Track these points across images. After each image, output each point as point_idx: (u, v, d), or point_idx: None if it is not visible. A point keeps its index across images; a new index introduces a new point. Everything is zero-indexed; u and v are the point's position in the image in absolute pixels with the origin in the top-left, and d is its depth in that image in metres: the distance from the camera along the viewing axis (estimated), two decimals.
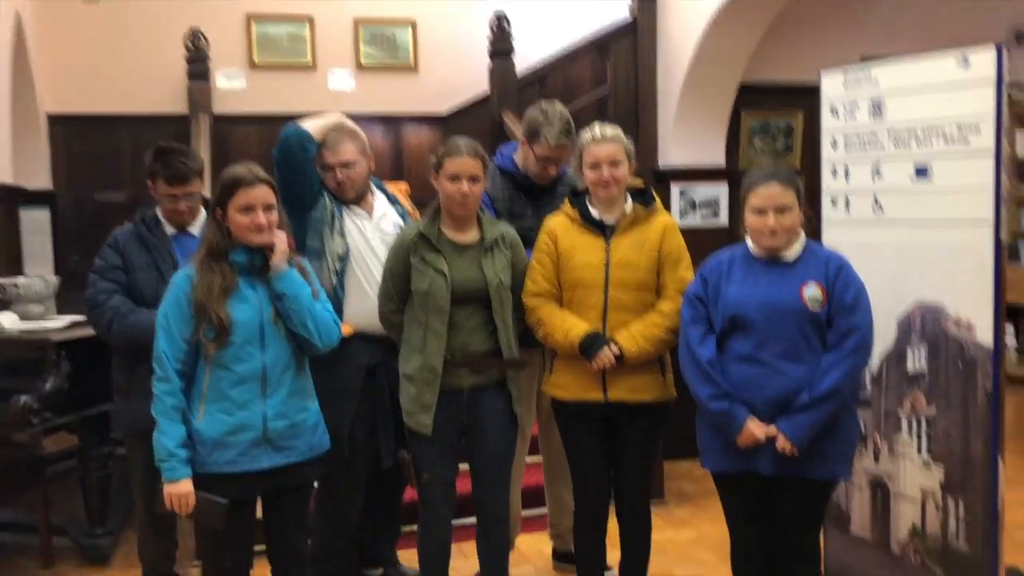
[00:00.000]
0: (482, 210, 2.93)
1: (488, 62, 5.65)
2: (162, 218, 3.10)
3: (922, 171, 2.85)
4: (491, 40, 5.57)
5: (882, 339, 2.96)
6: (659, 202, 2.94)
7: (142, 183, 3.16)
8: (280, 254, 2.50)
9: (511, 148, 3.44)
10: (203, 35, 5.54)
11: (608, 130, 2.82)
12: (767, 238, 2.50)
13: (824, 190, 3.13)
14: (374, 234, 3.18)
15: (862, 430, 3.03)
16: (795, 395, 2.41)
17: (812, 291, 2.44)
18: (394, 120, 6.20)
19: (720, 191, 5.13)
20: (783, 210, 2.47)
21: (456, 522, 3.08)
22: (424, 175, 2.91)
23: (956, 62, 2.76)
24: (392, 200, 3.38)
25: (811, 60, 4.22)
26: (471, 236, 2.87)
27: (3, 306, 3.90)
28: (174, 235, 3.09)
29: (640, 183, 2.93)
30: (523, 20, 5.89)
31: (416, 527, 3.02)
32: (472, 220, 2.88)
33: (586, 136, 2.84)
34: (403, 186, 3.64)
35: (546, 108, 3.23)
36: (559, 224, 2.91)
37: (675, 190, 5.13)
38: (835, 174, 3.09)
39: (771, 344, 2.44)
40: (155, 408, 2.43)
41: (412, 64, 6.33)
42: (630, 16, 5.16)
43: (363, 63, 6.24)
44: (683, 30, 4.86)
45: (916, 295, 2.89)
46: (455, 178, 2.78)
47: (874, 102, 2.96)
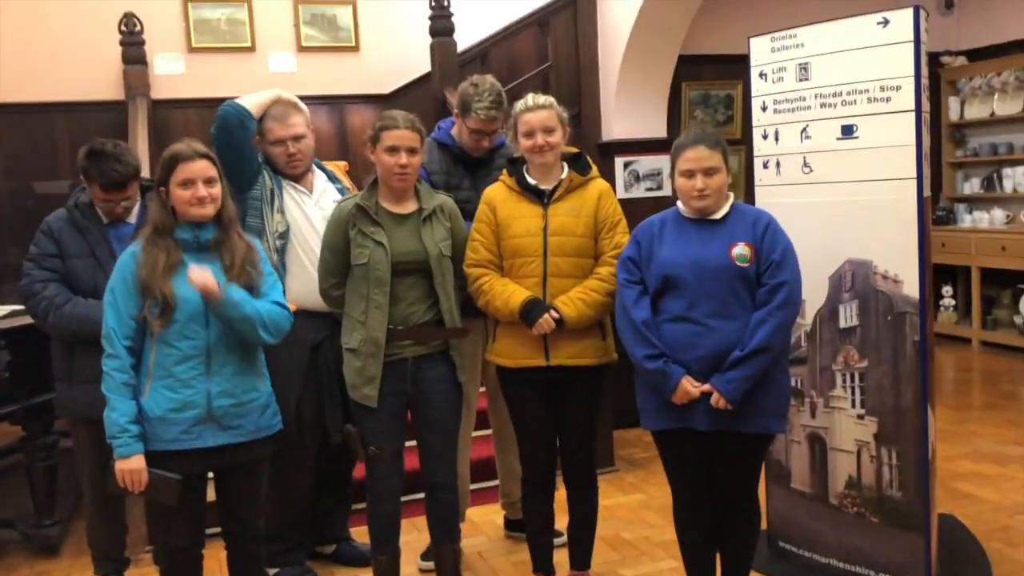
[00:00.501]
0: (419, 182, 2.94)
1: (429, 40, 5.63)
2: (96, 207, 3.05)
3: (848, 130, 2.92)
4: (431, 17, 5.54)
5: (815, 297, 3.03)
6: (595, 169, 2.97)
7: (76, 170, 3.11)
8: (206, 288, 2.41)
9: (448, 123, 3.45)
10: (137, 19, 5.45)
11: (540, 98, 2.86)
12: (696, 200, 2.55)
13: (755, 153, 3.19)
14: (314, 211, 3.18)
15: (799, 386, 3.11)
16: (728, 352, 2.46)
17: (740, 249, 2.49)
18: (337, 101, 6.17)
19: (663, 163, 5.16)
20: (711, 172, 2.53)
21: (407, 498, 3.11)
22: (367, 155, 2.90)
23: (877, 23, 2.82)
24: (331, 178, 3.38)
25: (750, 30, 4.28)
26: (409, 207, 2.88)
27: None
28: (108, 223, 3.05)
29: (575, 150, 2.97)
30: None
31: (366, 503, 3.03)
32: (410, 192, 2.89)
33: (519, 105, 2.87)
34: (342, 164, 3.64)
35: (477, 81, 3.25)
36: (497, 193, 2.93)
37: (619, 163, 5.17)
38: (765, 137, 3.15)
39: (703, 303, 2.49)
40: (105, 385, 2.43)
41: (354, 44, 6.30)
42: None
43: (304, 44, 6.20)
44: (622, 2, 4.89)
45: (846, 253, 2.96)
46: (393, 150, 2.79)
47: (800, 65, 3.02)
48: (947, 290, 7.15)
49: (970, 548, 3.31)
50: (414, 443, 3.00)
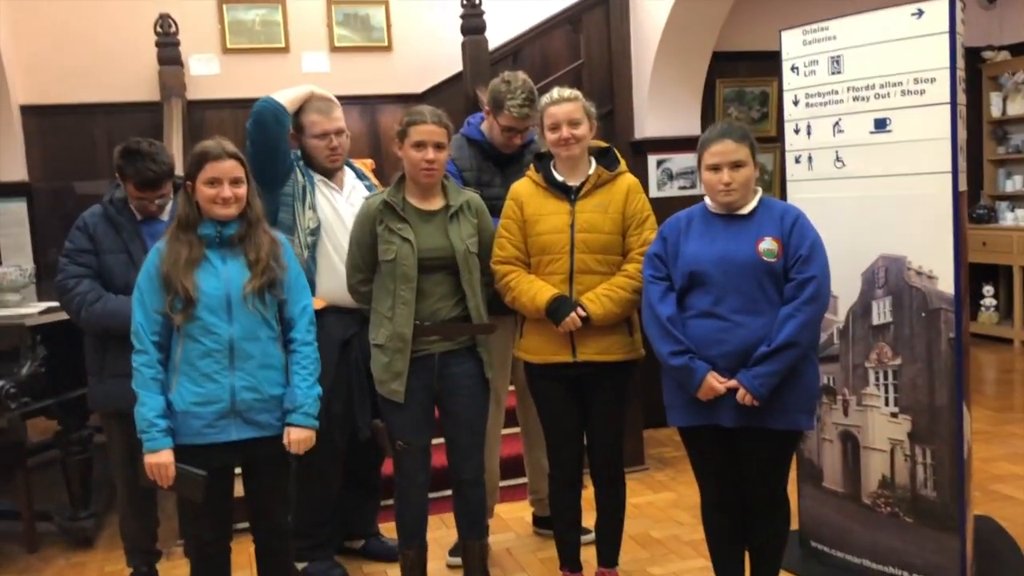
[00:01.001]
0: (447, 178, 2.94)
1: (461, 39, 5.63)
2: (130, 204, 3.09)
3: (881, 124, 2.87)
4: (462, 16, 5.55)
5: (848, 293, 2.99)
6: (624, 163, 2.95)
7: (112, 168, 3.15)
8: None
9: (478, 118, 3.45)
10: (173, 20, 5.51)
11: (566, 91, 2.84)
12: (723, 194, 2.52)
13: (787, 148, 3.15)
14: (345, 208, 3.19)
15: (831, 384, 3.06)
16: (754, 348, 2.43)
17: (767, 244, 2.46)
18: (369, 101, 6.18)
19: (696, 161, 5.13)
20: (737, 166, 2.50)
21: (436, 494, 3.12)
22: (396, 152, 2.91)
23: (911, 14, 2.77)
24: (360, 175, 3.40)
25: (785, 26, 4.22)
26: (436, 203, 2.88)
27: None
28: (142, 220, 3.10)
29: (603, 144, 2.94)
30: None
31: (394, 499, 3.04)
32: (437, 188, 2.89)
33: (545, 99, 2.85)
34: (369, 162, 3.66)
35: (509, 78, 3.24)
36: (524, 189, 2.92)
37: (652, 161, 5.14)
38: (797, 131, 3.11)
39: (729, 298, 2.46)
40: (135, 381, 2.46)
41: (386, 44, 6.31)
42: None
43: (337, 44, 6.21)
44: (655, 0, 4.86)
45: (879, 248, 2.91)
46: (420, 145, 2.79)
47: (832, 58, 2.98)
48: (988, 289, 7.01)
49: (1007, 550, 3.23)
50: (442, 440, 3.00)
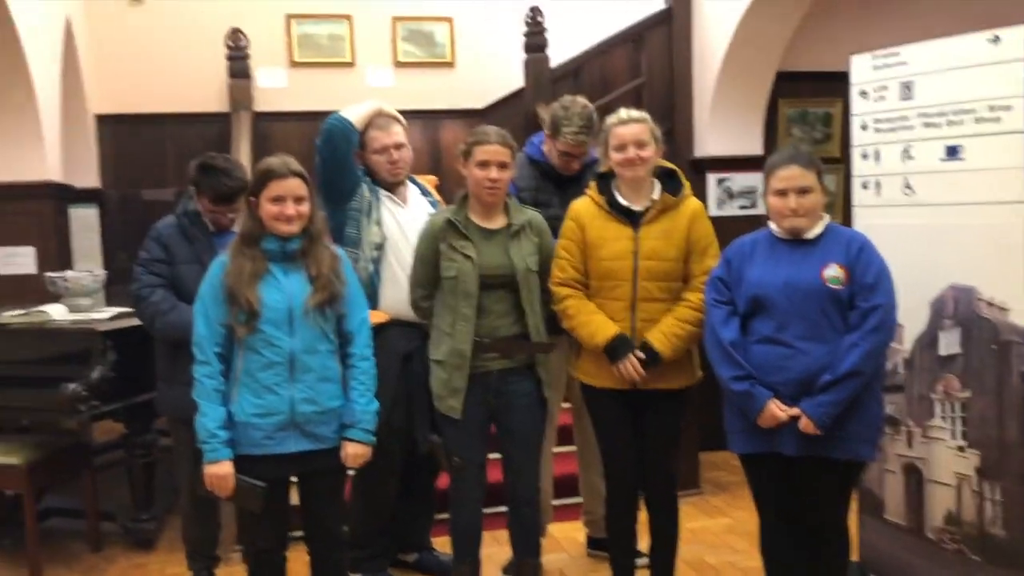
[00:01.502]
0: (509, 196, 2.95)
1: (524, 56, 5.67)
2: (204, 217, 3.17)
3: (953, 151, 2.82)
4: (525, 34, 5.58)
5: (914, 322, 2.93)
6: (688, 187, 2.92)
7: (187, 181, 3.23)
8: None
9: (540, 137, 3.46)
10: (243, 34, 5.65)
11: (634, 112, 2.83)
12: (788, 219, 2.50)
13: (855, 173, 3.11)
14: (409, 223, 3.23)
15: (895, 415, 3.01)
16: (817, 375, 2.40)
17: (832, 271, 2.44)
18: (431, 116, 6.25)
19: (757, 180, 5.05)
20: (804, 191, 2.48)
21: (490, 510, 3.12)
22: (459, 169, 2.94)
23: (986, 41, 2.72)
24: (424, 191, 3.43)
25: (850, 47, 4.18)
26: (498, 222, 2.90)
27: (54, 299, 4.05)
28: (215, 232, 3.17)
29: (669, 166, 2.92)
30: (558, 14, 5.90)
31: (448, 513, 3.06)
32: (499, 207, 2.91)
33: (611, 119, 2.84)
34: (432, 179, 3.70)
35: (567, 104, 3.25)
36: (586, 210, 2.90)
37: (712, 179, 5.12)
38: (865, 157, 3.07)
39: (793, 325, 2.44)
40: (196, 391, 2.50)
41: (449, 60, 6.38)
42: (665, 5, 5.16)
43: (401, 60, 6.30)
44: (719, 18, 4.85)
45: (948, 277, 2.86)
46: (484, 164, 2.82)
47: (904, 84, 2.94)
48: None
49: None
50: (498, 455, 3.02)
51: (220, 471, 2.48)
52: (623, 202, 2.84)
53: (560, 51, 5.70)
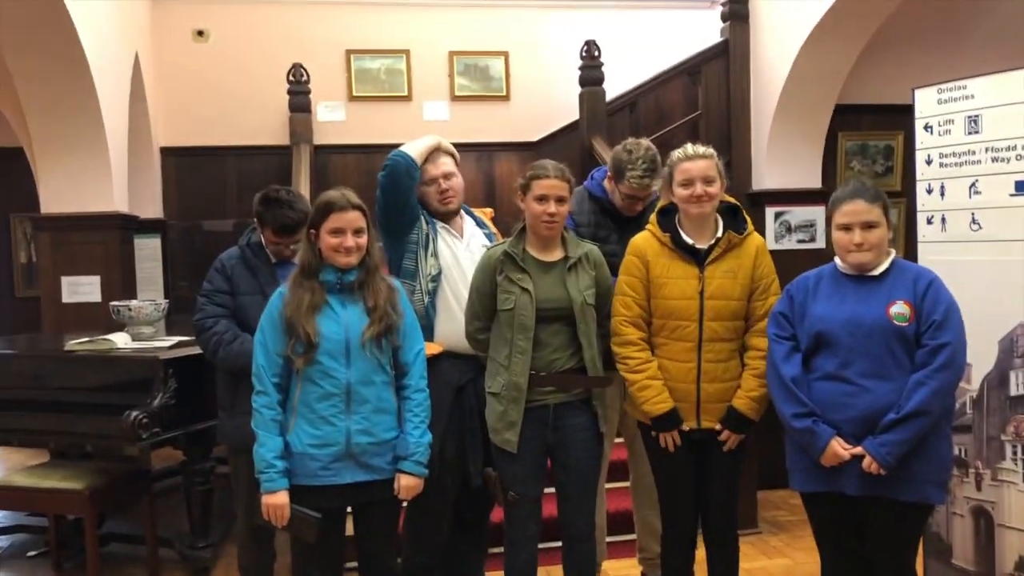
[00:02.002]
0: (566, 230, 2.95)
1: (578, 89, 5.71)
2: (266, 248, 3.22)
3: (1022, 187, 2.75)
4: (581, 67, 5.62)
5: (983, 361, 2.86)
6: (751, 223, 2.87)
7: (247, 212, 3.29)
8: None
9: (601, 172, 3.46)
10: (305, 70, 5.78)
11: (700, 148, 2.80)
12: (854, 254, 2.46)
13: (919, 208, 3.05)
14: (465, 255, 3.24)
15: (963, 456, 2.92)
16: (882, 413, 2.35)
17: (899, 308, 2.39)
18: (486, 148, 6.31)
19: (817, 213, 5.05)
20: (870, 226, 2.44)
21: (543, 545, 3.09)
22: (515, 201, 2.95)
23: None
24: (480, 224, 3.45)
25: (913, 80, 4.13)
26: (556, 255, 2.90)
27: (118, 327, 4.14)
28: (276, 263, 3.22)
29: (732, 201, 2.89)
30: (613, 48, 5.94)
31: (503, 548, 3.03)
32: (557, 240, 2.91)
33: (677, 154, 2.81)
34: (488, 211, 3.71)
35: (631, 147, 3.24)
36: (649, 247, 2.85)
37: (770, 213, 5.07)
38: (930, 191, 3.01)
39: (858, 362, 2.39)
40: (255, 421, 2.53)
41: (504, 93, 6.45)
42: (722, 38, 5.15)
43: (457, 94, 6.39)
44: (777, 51, 4.83)
45: (1018, 315, 2.78)
46: (543, 199, 2.82)
47: (970, 118, 2.88)
48: None
49: None
50: (553, 490, 2.99)
51: (276, 501, 2.50)
52: (688, 240, 2.81)
53: (615, 84, 5.73)
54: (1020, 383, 2.79)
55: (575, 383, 2.86)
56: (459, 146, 3.40)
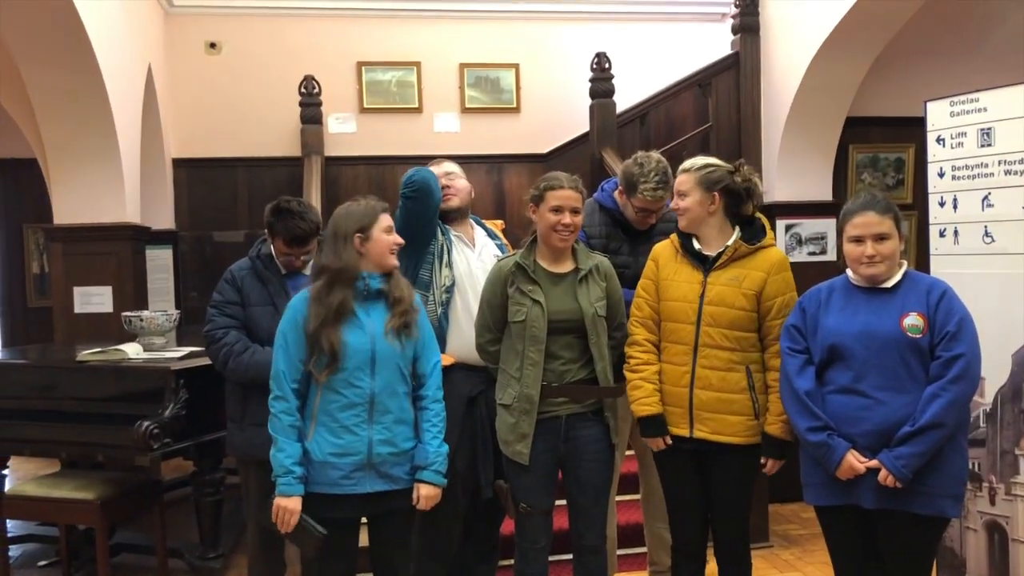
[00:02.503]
0: (577, 241, 2.96)
1: (589, 101, 5.72)
2: (276, 259, 3.23)
3: None
4: (592, 79, 5.63)
5: (996, 374, 2.84)
6: (770, 235, 2.84)
7: (258, 223, 3.30)
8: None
9: (612, 184, 3.46)
10: (316, 82, 5.81)
11: (687, 162, 2.85)
12: (865, 266, 2.45)
13: (932, 221, 3.04)
14: (477, 265, 3.25)
15: (976, 470, 2.90)
16: (897, 426, 2.34)
17: (912, 320, 2.38)
18: (496, 160, 6.32)
19: (827, 226, 5.04)
20: (881, 238, 2.43)
21: (553, 557, 3.08)
22: (524, 213, 2.95)
23: None
24: (491, 235, 3.46)
25: (923, 92, 4.12)
26: (566, 267, 2.90)
27: (129, 338, 4.15)
28: (287, 274, 3.23)
29: (749, 211, 2.86)
30: (623, 60, 5.95)
31: (513, 560, 3.02)
32: (568, 251, 2.91)
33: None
34: (499, 223, 3.72)
35: (642, 161, 3.24)
36: (664, 252, 2.90)
37: (780, 225, 5.06)
38: (942, 204, 3.00)
39: (871, 375, 2.38)
40: (272, 426, 2.52)
41: (515, 105, 6.46)
42: (732, 51, 5.16)
43: (467, 106, 6.40)
44: (787, 63, 4.83)
45: None
46: (558, 210, 2.83)
47: (982, 130, 2.88)
48: None
49: None
50: (563, 502, 2.98)
51: (290, 505, 2.49)
52: (696, 246, 2.82)
53: (626, 96, 5.74)
54: None
55: (586, 393, 2.85)
56: (469, 158, 3.43)
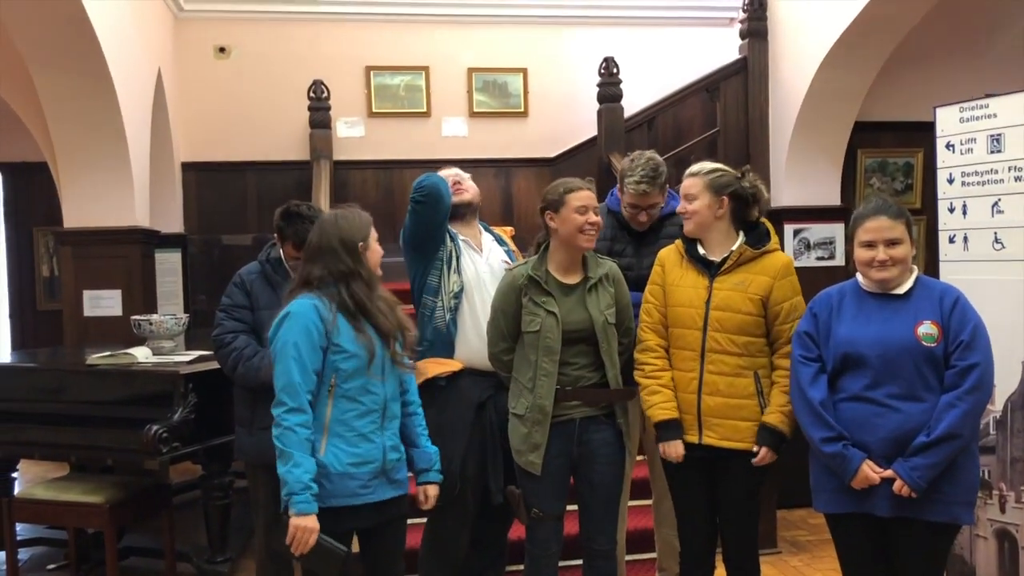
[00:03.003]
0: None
1: (596, 106, 5.72)
2: (285, 263, 3.23)
3: None
4: (599, 84, 5.63)
5: (1006, 382, 2.83)
6: (775, 240, 2.84)
7: (267, 227, 3.30)
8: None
9: None
10: (325, 86, 5.81)
11: (694, 167, 2.85)
12: (877, 271, 2.44)
13: (941, 227, 3.04)
14: (485, 270, 3.26)
15: (986, 477, 2.89)
16: (911, 434, 2.33)
17: (927, 328, 2.37)
18: (505, 164, 6.32)
19: (836, 231, 5.03)
20: (893, 243, 2.42)
21: (564, 563, 3.07)
22: (533, 217, 2.95)
23: None
24: (499, 241, 3.46)
25: (933, 97, 4.10)
26: (577, 276, 2.90)
27: (138, 341, 4.16)
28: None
29: (754, 217, 2.87)
30: (631, 64, 5.95)
31: (523, 565, 3.02)
32: (579, 259, 2.91)
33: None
34: (509, 230, 3.72)
35: (634, 157, 3.27)
36: (669, 256, 2.91)
37: (788, 230, 5.05)
38: (952, 210, 3.00)
39: (886, 383, 2.37)
40: (286, 440, 2.38)
41: (523, 110, 6.46)
42: (740, 55, 5.16)
43: (475, 110, 6.40)
44: (795, 68, 4.83)
45: None
46: (583, 210, 2.83)
47: (992, 136, 2.87)
48: None
49: None
50: (573, 507, 2.98)
51: (310, 523, 2.36)
52: (700, 251, 2.83)
53: (633, 101, 5.74)
54: None
55: (599, 397, 2.86)
56: (477, 162, 3.44)
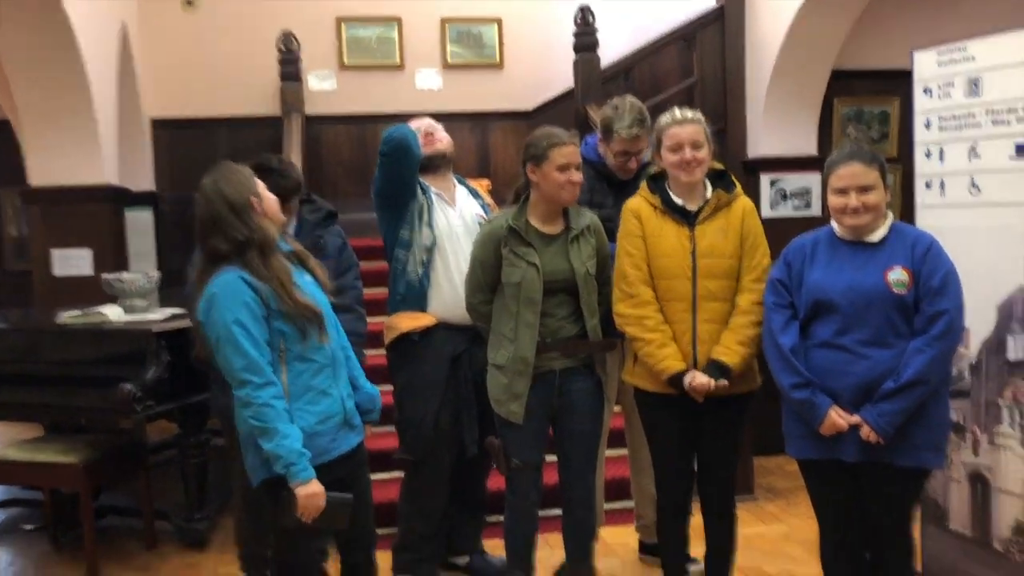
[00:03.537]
0: None
1: (573, 56, 5.65)
2: None
3: (1022, 150, 2.72)
4: (575, 34, 5.55)
5: (981, 326, 2.84)
6: (739, 187, 2.85)
7: None
8: None
9: (594, 138, 3.43)
10: (295, 38, 5.70)
11: (688, 112, 2.78)
12: (850, 217, 2.42)
13: (918, 173, 3.02)
14: (457, 223, 3.23)
15: (961, 421, 2.92)
16: (880, 381, 2.33)
17: (897, 275, 2.35)
18: (480, 117, 6.24)
19: (812, 180, 5.02)
20: (866, 189, 2.40)
21: (543, 513, 3.09)
22: (510, 170, 2.91)
23: None
24: (474, 194, 3.42)
25: (908, 44, 4.07)
26: (557, 227, 2.86)
27: (110, 300, 4.11)
28: None
29: (720, 166, 2.87)
30: (608, 14, 5.86)
31: (502, 517, 3.03)
32: (560, 211, 2.87)
33: (665, 119, 2.78)
34: (485, 183, 3.68)
35: (617, 103, 3.23)
36: (642, 208, 2.82)
37: (765, 180, 5.05)
38: (929, 156, 2.98)
39: (856, 329, 2.37)
40: (267, 416, 2.28)
41: (498, 61, 6.38)
42: (717, 4, 5.09)
43: (450, 62, 6.31)
44: (772, 17, 4.78)
45: (1017, 280, 2.76)
46: (565, 168, 2.78)
47: (970, 79, 2.85)
48: None
49: None
50: (552, 457, 2.98)
51: (316, 488, 2.31)
52: (678, 201, 2.78)
53: (610, 51, 5.67)
54: (1018, 348, 2.78)
55: (580, 348, 2.85)
56: (453, 115, 3.40)
